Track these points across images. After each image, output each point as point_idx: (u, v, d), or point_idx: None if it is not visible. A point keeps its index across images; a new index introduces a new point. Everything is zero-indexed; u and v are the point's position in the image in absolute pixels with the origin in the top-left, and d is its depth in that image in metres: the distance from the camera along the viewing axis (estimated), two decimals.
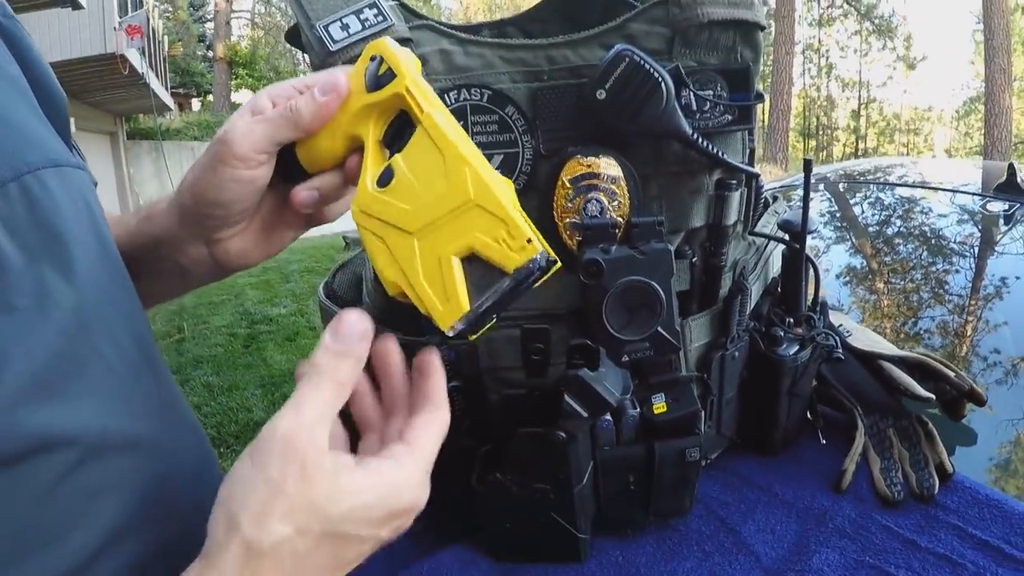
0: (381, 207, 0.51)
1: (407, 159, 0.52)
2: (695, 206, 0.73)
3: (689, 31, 0.69)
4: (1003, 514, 0.81)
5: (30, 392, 0.47)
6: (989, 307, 1.39)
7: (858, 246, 1.90)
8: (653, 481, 0.76)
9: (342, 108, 0.56)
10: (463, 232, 0.48)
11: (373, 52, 0.56)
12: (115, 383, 0.54)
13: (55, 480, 0.47)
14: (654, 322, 0.65)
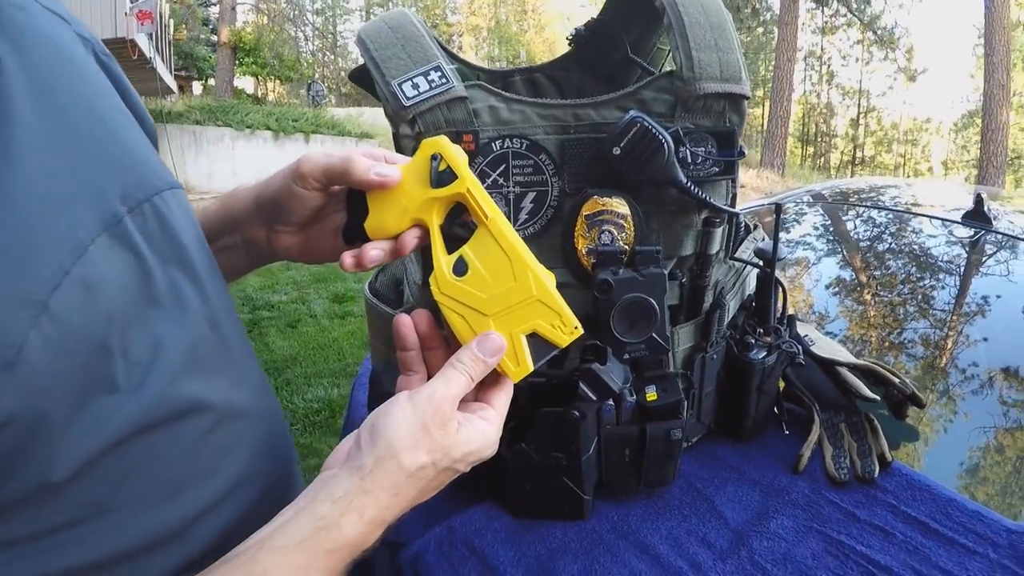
0: (460, 293, 0.67)
1: (476, 254, 0.68)
2: (686, 238, 0.90)
3: (689, 100, 0.85)
4: (931, 496, 0.96)
5: (182, 369, 0.61)
6: (960, 322, 1.53)
7: (847, 259, 2.06)
8: (644, 455, 0.93)
9: (410, 196, 0.69)
10: (528, 318, 0.66)
11: (433, 150, 0.68)
12: (234, 364, 0.69)
13: (200, 437, 0.63)
14: (650, 329, 0.83)
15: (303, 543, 0.58)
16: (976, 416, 1.24)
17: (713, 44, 0.85)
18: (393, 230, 0.70)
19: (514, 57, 34.40)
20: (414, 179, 0.69)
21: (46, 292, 0.51)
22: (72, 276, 0.54)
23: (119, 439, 0.56)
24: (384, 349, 1.04)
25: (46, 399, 0.51)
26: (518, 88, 1.11)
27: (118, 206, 0.61)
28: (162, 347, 0.61)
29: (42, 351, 0.50)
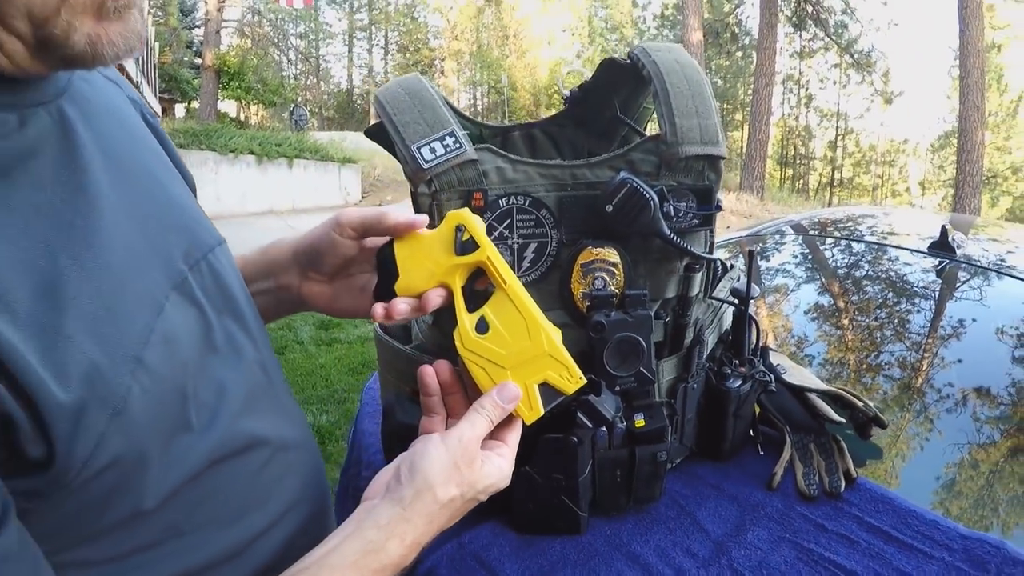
0: (482, 349, 0.78)
1: (495, 315, 0.78)
2: (669, 283, 1.01)
3: (672, 161, 0.96)
4: (892, 508, 1.06)
5: (241, 409, 0.71)
6: (930, 346, 1.62)
7: (824, 286, 2.16)
8: (634, 475, 1.03)
9: (436, 261, 0.78)
10: (540, 370, 0.78)
11: (457, 221, 0.78)
12: (281, 401, 0.80)
13: (259, 468, 0.73)
14: (638, 364, 0.94)
15: (355, 563, 0.67)
16: (944, 433, 1.34)
17: (694, 111, 0.97)
18: (420, 290, 0.79)
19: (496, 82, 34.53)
20: (440, 246, 0.79)
21: (140, 348, 0.60)
22: (156, 332, 0.62)
23: (196, 472, 0.64)
24: (395, 382, 1.14)
25: (143, 440, 0.59)
26: (517, 143, 1.22)
27: (181, 265, 0.70)
28: (225, 390, 0.70)
29: (139, 399, 0.58)
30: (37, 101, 0.61)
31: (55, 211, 0.58)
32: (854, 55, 27.91)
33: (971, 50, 17.20)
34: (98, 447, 0.55)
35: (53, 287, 0.55)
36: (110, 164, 0.66)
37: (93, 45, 0.56)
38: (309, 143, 17.24)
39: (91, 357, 0.55)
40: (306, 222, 12.76)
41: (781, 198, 21.57)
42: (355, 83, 46.38)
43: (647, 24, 40.26)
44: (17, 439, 0.51)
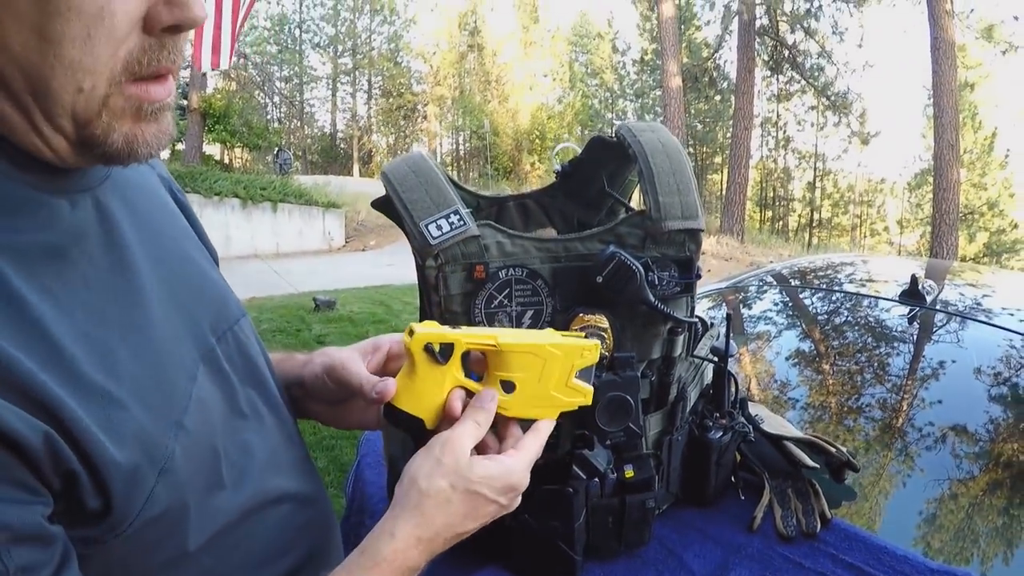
0: (524, 400, 0.84)
1: (508, 371, 0.84)
2: (654, 345, 1.10)
3: (656, 235, 1.06)
4: (865, 546, 1.14)
5: (267, 467, 0.78)
6: (901, 390, 1.71)
7: (796, 330, 2.25)
8: (624, 521, 1.11)
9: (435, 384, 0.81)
10: (568, 367, 0.86)
11: (421, 345, 0.80)
12: (300, 461, 0.87)
13: (283, 518, 0.80)
14: (627, 420, 1.03)
15: (348, 564, 0.74)
16: (913, 472, 1.43)
17: (675, 189, 1.06)
18: (440, 402, 0.82)
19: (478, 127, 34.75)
20: (426, 371, 0.82)
21: (181, 413, 0.67)
22: (192, 399, 0.70)
23: (230, 522, 0.72)
24: (400, 436, 1.21)
25: (186, 494, 0.66)
26: (511, 213, 1.32)
27: (210, 337, 0.78)
28: (251, 451, 0.77)
29: (181, 459, 0.66)
30: (84, 187, 0.67)
31: (104, 287, 0.65)
32: (830, 97, 28.21)
33: (944, 90, 17.38)
34: (148, 500, 0.62)
35: (106, 357, 0.62)
36: (147, 242, 0.73)
37: (130, 144, 0.62)
38: (293, 187, 17.26)
39: (141, 422, 0.62)
40: (290, 267, 12.74)
41: (761, 240, 21.71)
42: (339, 127, 46.50)
43: (627, 69, 40.72)
44: (80, 493, 0.57)
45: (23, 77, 0.56)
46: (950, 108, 17.45)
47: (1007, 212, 31.91)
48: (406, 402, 0.82)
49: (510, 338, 0.84)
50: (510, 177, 34.05)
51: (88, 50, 0.56)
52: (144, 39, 0.59)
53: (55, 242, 0.62)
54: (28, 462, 0.53)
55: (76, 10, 0.54)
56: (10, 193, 0.60)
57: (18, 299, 0.56)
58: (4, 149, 0.59)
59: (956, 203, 17.96)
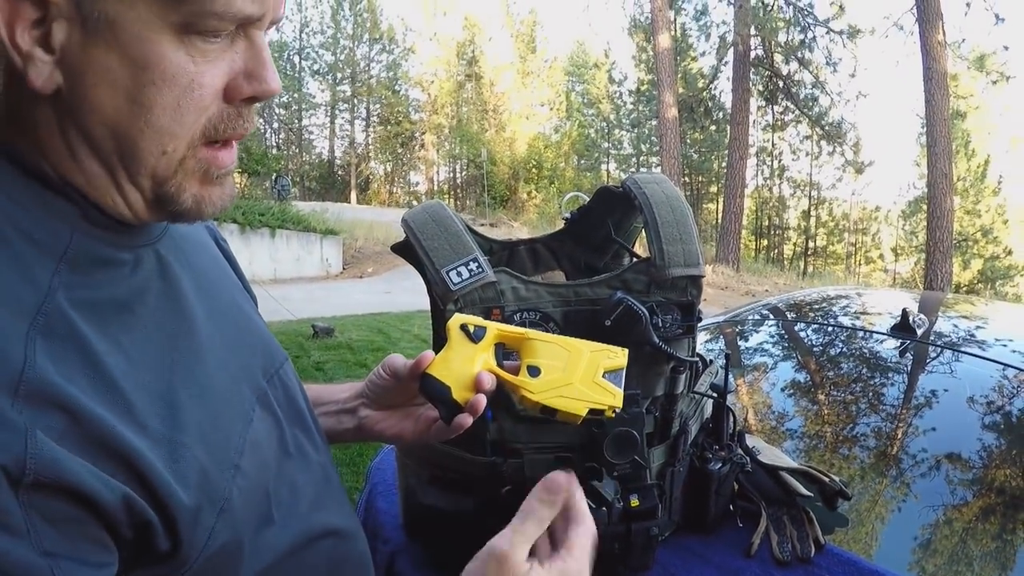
0: (547, 384, 0.86)
1: (536, 358, 0.87)
2: (658, 383, 1.17)
3: (660, 280, 1.13)
4: (858, 570, 1.20)
5: (312, 505, 0.82)
6: (881, 418, 1.77)
7: (790, 363, 2.33)
8: (629, 547, 1.17)
9: (466, 359, 0.86)
10: (594, 367, 0.89)
11: (459, 324, 0.88)
12: (338, 496, 0.91)
13: (326, 554, 0.84)
14: (633, 453, 1.10)
15: None
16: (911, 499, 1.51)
17: (678, 238, 1.14)
18: (470, 376, 0.87)
19: (476, 156, 34.79)
20: (460, 349, 0.89)
21: (238, 456, 0.71)
22: (248, 441, 0.74)
23: (279, 557, 0.76)
24: (415, 467, 1.27)
25: (240, 531, 0.70)
26: (522, 257, 1.40)
27: (261, 380, 0.82)
28: (297, 490, 0.81)
29: (238, 498, 0.69)
30: (146, 242, 0.71)
31: (166, 339, 0.69)
32: (825, 127, 28.23)
33: (937, 119, 17.45)
34: (210, 538, 0.65)
35: (170, 404, 0.65)
36: (202, 292, 0.78)
37: (198, 204, 0.68)
38: (292, 213, 17.28)
39: (203, 464, 0.66)
40: (288, 293, 12.68)
41: (756, 269, 21.74)
42: (337, 154, 46.54)
43: (623, 99, 40.92)
44: (153, 538, 0.60)
45: (112, 138, 0.61)
46: (943, 137, 17.52)
47: (1001, 239, 31.95)
48: (439, 371, 0.87)
49: (538, 332, 0.91)
50: (507, 206, 34.05)
51: (177, 118, 0.62)
52: (224, 108, 0.66)
53: (123, 296, 0.66)
54: (106, 520, 0.56)
55: (169, 81, 0.60)
56: (86, 248, 0.63)
57: (93, 354, 0.59)
58: (78, 203, 0.63)
59: (950, 231, 17.98)
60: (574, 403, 0.87)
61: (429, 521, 1.25)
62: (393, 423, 1.02)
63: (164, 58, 0.60)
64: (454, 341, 0.90)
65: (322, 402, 1.06)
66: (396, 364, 0.98)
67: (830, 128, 28.30)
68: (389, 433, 1.03)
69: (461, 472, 1.20)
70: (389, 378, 0.99)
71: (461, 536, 1.21)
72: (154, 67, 0.59)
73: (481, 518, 1.17)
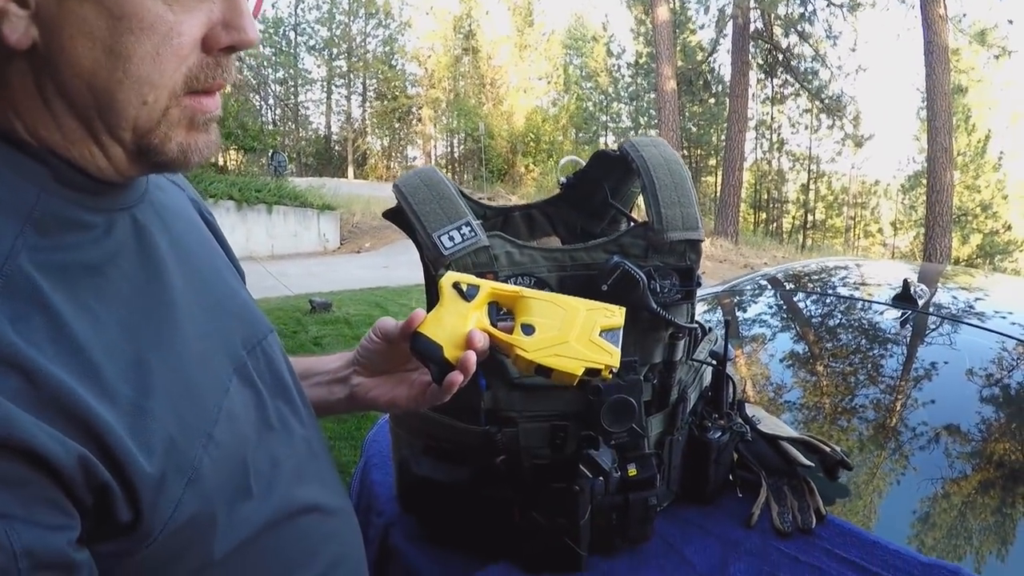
0: (543, 343, 0.85)
1: (530, 316, 0.87)
2: (656, 349, 1.15)
3: (658, 245, 1.11)
4: (859, 540, 1.18)
5: (293, 479, 0.79)
6: (883, 388, 1.76)
7: (790, 333, 2.31)
8: (627, 518, 1.16)
9: (458, 317, 0.86)
10: (591, 324, 0.87)
11: (452, 282, 0.88)
12: (323, 472, 0.88)
13: (307, 530, 0.81)
14: (631, 421, 1.08)
15: None
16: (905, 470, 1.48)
17: (677, 202, 1.11)
18: (462, 334, 0.86)
19: (473, 130, 34.70)
20: (452, 307, 0.88)
21: (211, 425, 0.69)
22: (223, 411, 0.71)
23: (255, 532, 0.73)
24: (408, 438, 1.26)
25: (213, 503, 0.67)
26: (517, 223, 1.37)
27: (241, 351, 0.79)
28: (278, 463, 0.78)
29: (210, 469, 0.67)
30: (122, 205, 0.69)
31: (139, 304, 0.67)
32: (824, 100, 28.17)
33: (938, 93, 17.36)
34: (176, 510, 0.63)
35: (139, 369, 0.63)
36: (181, 261, 0.75)
37: (184, 152, 0.66)
38: (288, 189, 17.19)
39: (171, 432, 0.64)
40: (285, 269, 12.65)
41: (755, 242, 21.74)
42: (333, 129, 46.31)
43: (622, 72, 40.70)
44: (112, 506, 0.58)
45: (90, 91, 0.60)
46: (943, 111, 17.43)
47: (1000, 214, 31.95)
48: (430, 329, 0.86)
49: (532, 291, 0.90)
50: (504, 179, 33.92)
51: (156, 67, 0.61)
52: (203, 57, 0.64)
53: (94, 260, 0.64)
54: (61, 482, 0.54)
55: (148, 30, 0.59)
56: (55, 210, 0.62)
57: (57, 316, 0.58)
58: (48, 163, 0.62)
59: (950, 205, 17.94)
60: (570, 362, 0.85)
61: (423, 493, 1.23)
62: (386, 390, 0.99)
63: (141, 7, 0.58)
64: (446, 299, 0.88)
65: (313, 373, 1.04)
66: (387, 326, 0.95)
67: (830, 101, 28.17)
68: (382, 400, 0.99)
69: (455, 442, 1.18)
70: (380, 341, 0.96)
71: (456, 507, 1.20)
72: (131, 16, 0.58)
73: (476, 488, 1.16)
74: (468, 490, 1.17)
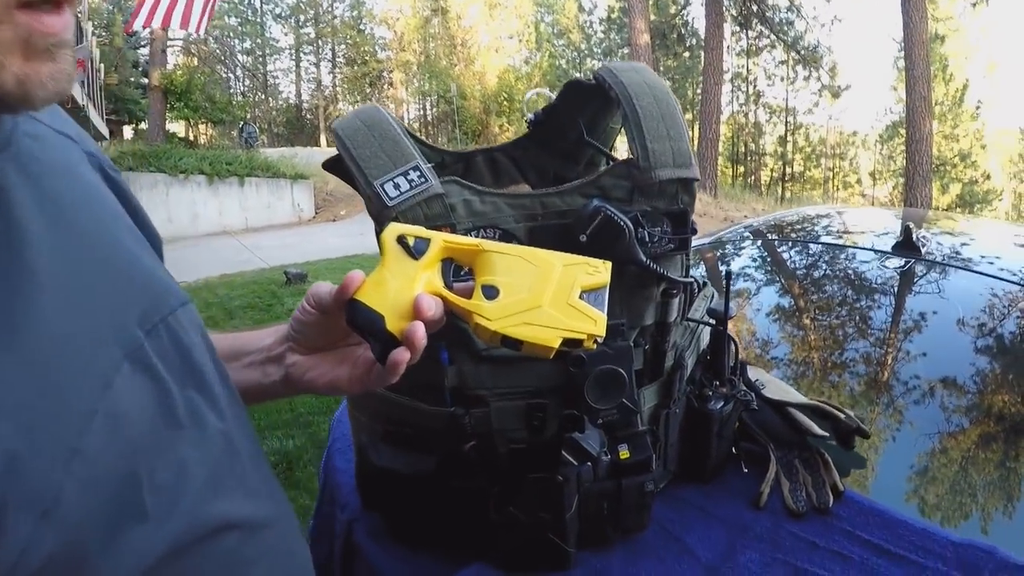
0: (509, 308, 0.70)
1: (493, 274, 0.72)
2: (647, 309, 0.99)
3: (645, 186, 0.94)
4: (882, 520, 1.06)
5: (206, 489, 0.63)
6: (893, 343, 1.62)
7: (786, 288, 2.18)
8: (621, 506, 1.01)
9: (405, 278, 0.71)
10: (569, 283, 0.71)
11: (395, 235, 0.72)
12: (248, 476, 0.71)
13: (228, 553, 0.65)
14: (620, 396, 0.91)
15: None
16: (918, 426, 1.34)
17: (665, 134, 0.94)
18: (408, 301, 0.71)
19: (445, 91, 34.57)
20: (396, 267, 0.72)
21: (77, 437, 0.52)
22: (99, 413, 0.54)
23: (153, 564, 0.57)
24: (368, 422, 1.09)
25: (82, 533, 0.52)
26: (480, 168, 1.19)
27: (136, 331, 0.62)
28: (187, 470, 0.62)
29: (76, 493, 0.51)
30: None
31: None
32: (800, 51, 28.35)
33: (915, 42, 17.42)
34: (23, 554, 0.48)
35: None
36: (52, 223, 0.60)
37: (23, 85, 0.52)
38: (260, 160, 17.20)
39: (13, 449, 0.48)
40: (260, 241, 12.62)
41: (734, 195, 21.86)
42: (304, 98, 46.05)
43: (594, 28, 40.56)
44: None
45: None
46: (921, 60, 17.53)
47: (979, 163, 32.36)
48: (369, 296, 0.72)
49: (496, 243, 0.74)
50: (479, 140, 33.74)
51: None
52: None
53: None
54: None
55: None
56: None
57: None
58: None
59: (929, 154, 18.13)
60: (543, 332, 0.70)
61: (385, 486, 1.07)
62: (325, 370, 0.83)
63: None
64: (389, 257, 0.73)
65: (245, 352, 0.87)
66: (321, 293, 0.78)
67: (806, 52, 28.35)
68: (321, 382, 0.83)
69: (417, 426, 1.02)
70: (314, 311, 0.80)
71: (422, 502, 1.04)
72: None
73: (444, 480, 1.00)
74: (435, 482, 1.01)
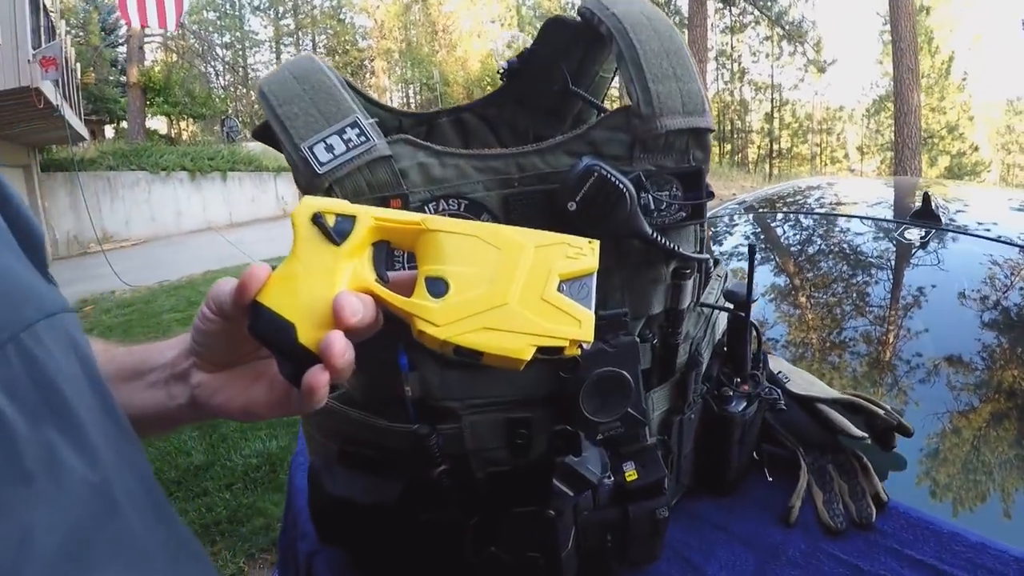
0: (462, 309, 0.53)
1: (440, 263, 0.54)
2: (654, 295, 0.80)
3: (648, 139, 0.74)
4: (934, 534, 0.90)
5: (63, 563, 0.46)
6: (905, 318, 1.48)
7: (781, 265, 1.99)
8: (628, 537, 0.83)
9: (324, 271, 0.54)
10: (544, 271, 0.53)
11: (309, 214, 0.55)
12: (136, 543, 0.53)
13: None
14: (625, 404, 0.73)
15: None
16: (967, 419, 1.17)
17: (671, 73, 0.75)
18: (326, 302, 0.53)
19: (428, 78, 34.41)
20: (313, 256, 0.54)
21: None
22: None
23: None
24: (322, 440, 0.91)
25: None
26: (444, 132, 1.00)
27: None
28: (30, 540, 0.45)
29: None
30: None
31: None
32: (785, 27, 28.31)
33: (902, 14, 17.37)
34: None
35: None
36: None
37: None
38: (242, 154, 17.17)
39: None
40: (244, 236, 12.48)
41: (722, 173, 21.91)
42: None
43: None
44: None
45: None
46: (908, 32, 17.49)
47: (967, 135, 32.55)
48: (276, 299, 0.53)
49: (443, 220, 0.55)
50: None
51: None
52: None
53: None
54: None
55: None
56: None
57: None
58: None
59: (918, 127, 18.14)
60: (510, 339, 0.52)
61: (341, 518, 0.87)
62: (236, 391, 0.63)
63: None
64: (302, 245, 0.54)
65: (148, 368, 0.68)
66: (222, 294, 0.58)
67: (790, 27, 28.31)
68: (233, 407, 0.63)
69: (378, 447, 0.83)
70: (216, 317, 0.60)
71: (385, 537, 0.85)
72: None
73: (410, 512, 0.81)
74: (400, 514, 0.82)
